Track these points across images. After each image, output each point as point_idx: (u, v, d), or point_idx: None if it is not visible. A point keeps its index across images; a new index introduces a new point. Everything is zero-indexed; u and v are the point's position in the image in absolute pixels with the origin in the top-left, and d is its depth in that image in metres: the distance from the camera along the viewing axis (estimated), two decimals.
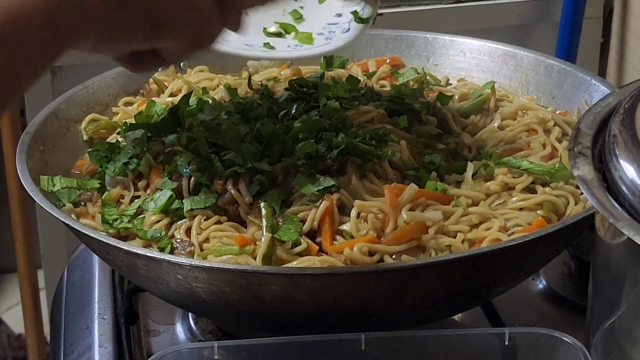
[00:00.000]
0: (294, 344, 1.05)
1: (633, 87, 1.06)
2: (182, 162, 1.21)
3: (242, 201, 1.16)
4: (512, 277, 1.14)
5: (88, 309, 1.30)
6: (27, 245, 2.21)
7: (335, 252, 1.11)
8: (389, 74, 1.44)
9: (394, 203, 1.14)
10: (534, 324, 1.24)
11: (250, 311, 1.09)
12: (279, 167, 1.19)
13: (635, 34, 1.99)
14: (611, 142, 0.97)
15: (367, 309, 1.08)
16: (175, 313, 1.28)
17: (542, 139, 1.28)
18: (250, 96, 1.35)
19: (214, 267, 1.05)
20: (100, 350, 1.21)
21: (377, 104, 1.30)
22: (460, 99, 1.37)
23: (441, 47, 1.48)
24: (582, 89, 1.37)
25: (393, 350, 1.05)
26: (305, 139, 1.21)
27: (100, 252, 1.16)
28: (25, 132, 1.27)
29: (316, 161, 1.18)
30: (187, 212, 1.17)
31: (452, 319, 1.25)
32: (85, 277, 1.37)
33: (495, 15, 2.04)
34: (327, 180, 1.16)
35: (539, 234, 1.09)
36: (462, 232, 1.14)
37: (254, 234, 1.14)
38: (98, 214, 1.20)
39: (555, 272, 1.34)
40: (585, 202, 1.18)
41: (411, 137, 1.26)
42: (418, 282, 1.06)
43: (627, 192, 0.92)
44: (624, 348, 0.96)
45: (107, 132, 1.35)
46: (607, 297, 0.98)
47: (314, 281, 1.04)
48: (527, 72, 1.43)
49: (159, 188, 1.20)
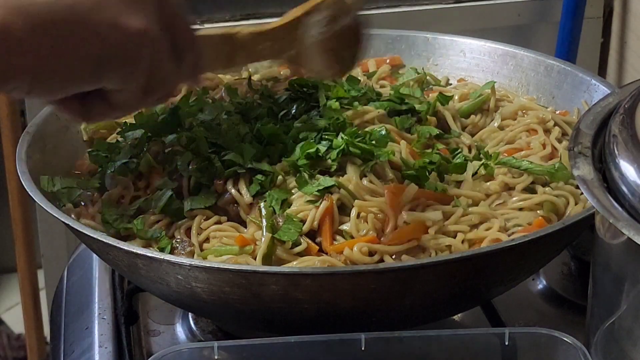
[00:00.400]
0: (294, 344, 1.05)
1: (633, 87, 1.06)
2: (182, 162, 1.21)
3: (242, 201, 1.16)
4: (512, 277, 1.14)
5: (88, 309, 1.30)
6: (27, 245, 2.21)
7: (335, 252, 1.11)
8: (389, 74, 1.44)
9: (394, 203, 1.14)
10: (534, 324, 1.24)
11: (250, 311, 1.09)
12: (279, 167, 1.19)
13: (635, 34, 1.99)
14: (611, 142, 0.97)
15: (367, 309, 1.08)
16: (175, 313, 1.28)
17: (542, 139, 1.28)
18: (250, 96, 1.35)
19: (214, 267, 1.05)
20: (100, 350, 1.21)
21: (377, 104, 1.30)
22: (460, 99, 1.37)
23: (441, 47, 1.48)
24: (582, 89, 1.36)
25: (393, 350, 1.05)
26: (305, 138, 1.21)
27: (100, 252, 1.16)
28: (25, 132, 1.27)
29: (316, 161, 1.18)
30: (187, 212, 1.17)
31: (452, 319, 1.24)
32: (85, 277, 1.37)
33: (495, 15, 2.04)
34: (327, 180, 1.16)
35: (539, 234, 1.09)
36: (462, 232, 1.14)
37: (254, 234, 1.14)
38: (98, 214, 1.20)
39: (555, 272, 1.34)
40: (585, 202, 1.18)
41: (411, 137, 1.26)
42: (418, 282, 1.06)
43: (627, 192, 0.92)
44: (624, 348, 0.96)
45: (107, 132, 1.35)
46: (607, 297, 0.98)
47: (314, 281, 1.03)
48: (527, 72, 1.43)
49: (159, 188, 1.20)
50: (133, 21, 0.85)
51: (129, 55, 0.87)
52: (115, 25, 0.84)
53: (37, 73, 0.83)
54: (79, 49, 0.84)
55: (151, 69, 0.89)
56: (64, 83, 0.87)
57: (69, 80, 0.86)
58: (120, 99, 0.92)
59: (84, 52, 0.84)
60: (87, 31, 0.84)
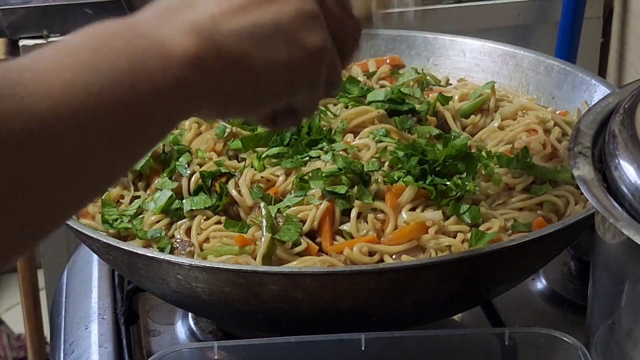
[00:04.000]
0: (294, 344, 1.05)
1: (633, 87, 1.06)
2: (182, 162, 1.21)
3: (243, 202, 1.16)
4: (512, 277, 1.14)
5: (88, 309, 1.29)
6: None
7: (335, 252, 1.11)
8: (389, 74, 1.44)
9: (394, 203, 1.14)
10: (534, 324, 1.24)
11: (250, 311, 1.09)
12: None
13: (635, 34, 1.99)
14: (611, 142, 0.97)
15: (367, 309, 1.08)
16: (175, 313, 1.28)
17: (542, 139, 1.28)
18: None
19: (214, 267, 1.05)
20: (100, 350, 1.21)
21: (377, 104, 1.30)
22: (460, 99, 1.37)
23: (441, 47, 1.48)
24: (582, 89, 1.36)
25: (393, 350, 1.05)
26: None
27: (100, 252, 1.16)
28: None
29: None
30: (187, 212, 1.17)
31: (452, 319, 1.24)
32: (85, 277, 1.37)
33: (495, 15, 2.04)
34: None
35: (539, 234, 1.09)
36: (462, 232, 1.14)
37: (254, 234, 1.14)
38: (98, 214, 1.20)
39: (555, 272, 1.33)
40: (585, 202, 1.18)
41: (411, 137, 1.26)
42: (418, 282, 1.06)
43: (627, 192, 0.92)
44: (624, 348, 0.96)
45: None
46: (607, 297, 0.98)
47: (314, 281, 1.03)
48: (527, 72, 1.43)
49: (159, 188, 1.20)
50: (312, 39, 0.87)
51: (313, 73, 0.88)
52: (297, 46, 0.86)
53: (229, 100, 0.82)
54: (269, 76, 0.84)
55: (328, 78, 0.91)
56: (254, 108, 0.87)
57: (259, 105, 0.87)
58: (304, 109, 0.93)
59: (274, 77, 0.85)
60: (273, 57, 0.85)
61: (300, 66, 0.86)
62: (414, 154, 1.18)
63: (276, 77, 0.85)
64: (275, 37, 0.84)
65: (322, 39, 0.87)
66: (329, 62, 0.90)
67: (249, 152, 1.23)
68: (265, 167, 1.21)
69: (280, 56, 0.84)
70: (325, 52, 0.88)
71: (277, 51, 0.84)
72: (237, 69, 0.81)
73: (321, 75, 0.89)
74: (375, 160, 1.19)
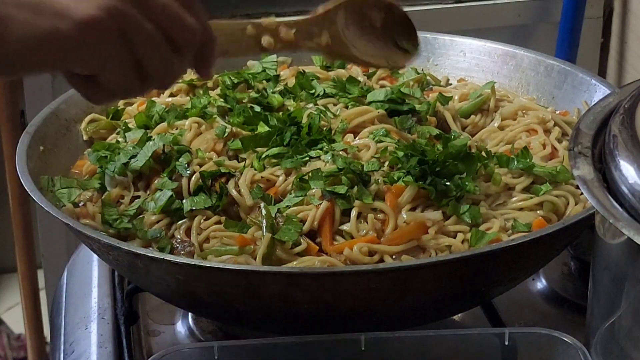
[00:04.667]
0: (294, 344, 1.05)
1: (633, 87, 1.06)
2: (182, 162, 1.21)
3: (242, 202, 1.16)
4: (512, 277, 1.14)
5: (88, 309, 1.30)
6: (27, 245, 2.21)
7: (335, 252, 1.11)
8: (389, 74, 1.44)
9: (394, 203, 1.14)
10: (534, 324, 1.24)
11: (250, 311, 1.09)
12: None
13: (635, 34, 1.99)
14: (611, 142, 0.97)
15: (367, 309, 1.08)
16: (175, 313, 1.28)
17: (542, 139, 1.28)
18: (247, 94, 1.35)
19: (214, 267, 1.05)
20: (100, 350, 1.21)
21: (377, 104, 1.30)
22: (460, 99, 1.37)
23: (441, 47, 1.48)
24: (582, 89, 1.36)
25: (393, 350, 1.05)
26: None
27: (100, 252, 1.16)
28: (25, 132, 1.27)
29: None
30: (187, 212, 1.17)
31: (452, 319, 1.24)
32: (85, 277, 1.37)
33: (495, 15, 2.04)
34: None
35: (539, 234, 1.09)
36: (462, 232, 1.14)
37: (254, 234, 1.14)
38: (98, 214, 1.20)
39: (555, 272, 1.34)
40: (585, 202, 1.18)
41: (411, 137, 1.26)
42: (418, 282, 1.06)
43: (627, 192, 0.92)
44: (624, 348, 0.96)
45: (107, 132, 1.35)
46: (607, 297, 0.98)
47: (314, 281, 1.04)
48: (527, 72, 1.43)
49: (159, 188, 1.20)
50: (81, 11, 0.89)
51: (86, 43, 0.90)
52: (62, 15, 0.89)
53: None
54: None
55: (138, 56, 0.92)
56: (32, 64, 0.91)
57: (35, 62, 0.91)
58: (111, 84, 0.94)
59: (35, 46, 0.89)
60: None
61: (65, 35, 0.89)
62: (414, 154, 1.18)
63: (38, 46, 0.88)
64: (43, 6, 0.88)
65: (93, 13, 0.89)
66: (120, 40, 0.90)
67: (249, 152, 1.23)
68: (265, 167, 1.21)
69: (42, 24, 0.88)
70: (97, 26, 0.89)
71: (39, 20, 0.88)
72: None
73: (102, 52, 0.90)
74: (375, 161, 1.19)
